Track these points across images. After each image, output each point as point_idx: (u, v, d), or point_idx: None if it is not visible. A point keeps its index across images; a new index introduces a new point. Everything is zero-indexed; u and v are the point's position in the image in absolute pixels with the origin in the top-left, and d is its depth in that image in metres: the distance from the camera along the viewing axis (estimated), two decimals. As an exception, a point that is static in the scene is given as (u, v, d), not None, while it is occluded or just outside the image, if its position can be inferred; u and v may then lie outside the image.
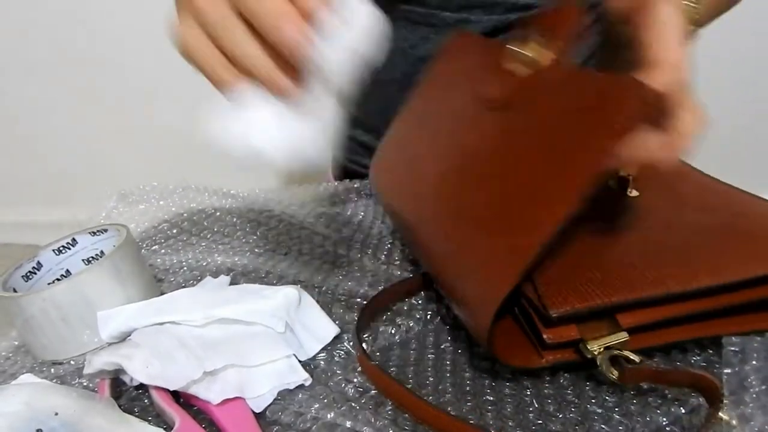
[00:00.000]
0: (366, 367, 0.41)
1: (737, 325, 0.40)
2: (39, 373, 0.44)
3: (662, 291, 0.37)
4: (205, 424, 0.38)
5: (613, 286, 0.38)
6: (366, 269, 0.54)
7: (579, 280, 0.39)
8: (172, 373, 0.38)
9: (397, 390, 0.38)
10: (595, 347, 0.37)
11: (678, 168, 0.47)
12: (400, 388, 0.38)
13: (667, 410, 0.37)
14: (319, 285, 0.52)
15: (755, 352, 0.40)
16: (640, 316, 0.38)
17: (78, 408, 0.36)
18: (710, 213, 0.44)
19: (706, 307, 0.38)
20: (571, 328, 0.38)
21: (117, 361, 0.39)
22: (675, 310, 0.38)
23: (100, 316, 0.43)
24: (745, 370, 0.39)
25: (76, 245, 0.52)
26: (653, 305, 0.38)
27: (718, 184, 0.48)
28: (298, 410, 0.39)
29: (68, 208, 0.56)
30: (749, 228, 0.41)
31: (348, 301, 0.50)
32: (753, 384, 0.37)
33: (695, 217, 0.43)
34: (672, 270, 0.38)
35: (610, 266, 0.40)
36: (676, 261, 0.39)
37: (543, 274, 0.39)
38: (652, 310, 0.38)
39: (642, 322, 0.38)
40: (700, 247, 0.40)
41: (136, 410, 0.40)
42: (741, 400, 0.37)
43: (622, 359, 0.36)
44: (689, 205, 0.45)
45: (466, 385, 0.40)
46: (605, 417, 0.37)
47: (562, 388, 0.39)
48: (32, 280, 0.49)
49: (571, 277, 0.39)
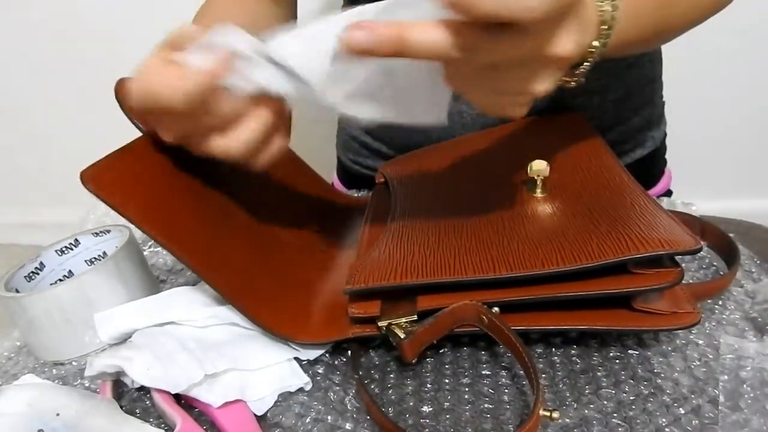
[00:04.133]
0: (362, 397, 0.40)
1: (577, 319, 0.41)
2: (41, 374, 0.44)
3: (455, 277, 0.40)
4: (206, 426, 0.38)
5: (419, 268, 0.41)
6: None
7: (396, 261, 0.43)
8: (173, 376, 0.38)
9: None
10: (384, 323, 0.40)
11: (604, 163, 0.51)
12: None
13: (665, 411, 0.37)
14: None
15: (751, 358, 0.40)
16: (437, 300, 0.41)
17: (79, 409, 0.36)
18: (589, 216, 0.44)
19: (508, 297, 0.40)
20: (374, 304, 0.42)
21: (118, 364, 0.40)
22: (476, 296, 0.40)
23: (97, 318, 0.44)
24: (741, 375, 0.39)
25: (79, 246, 0.53)
26: (451, 290, 0.41)
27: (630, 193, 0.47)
28: (299, 413, 0.39)
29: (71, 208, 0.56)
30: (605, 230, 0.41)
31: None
32: (748, 390, 0.38)
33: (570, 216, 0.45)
34: (480, 258, 0.41)
35: (436, 250, 0.43)
36: (501, 250, 0.42)
37: (366, 256, 0.45)
38: (449, 295, 0.41)
39: (437, 306, 0.40)
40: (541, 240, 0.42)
41: (138, 411, 0.40)
42: (736, 406, 0.37)
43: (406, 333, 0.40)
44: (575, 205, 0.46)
45: (464, 392, 0.40)
46: (604, 420, 0.37)
47: (560, 391, 0.39)
48: (35, 280, 0.50)
49: (392, 257, 0.44)
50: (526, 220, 0.45)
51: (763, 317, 0.44)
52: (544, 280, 0.39)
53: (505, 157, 0.57)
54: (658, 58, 0.74)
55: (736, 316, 0.45)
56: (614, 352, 0.42)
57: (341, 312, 0.43)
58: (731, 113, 1.44)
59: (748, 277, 0.49)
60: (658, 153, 0.76)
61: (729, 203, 1.11)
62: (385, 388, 0.41)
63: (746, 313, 0.45)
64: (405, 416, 0.38)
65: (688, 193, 0.69)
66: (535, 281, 0.39)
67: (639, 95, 0.71)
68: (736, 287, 0.48)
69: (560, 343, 0.43)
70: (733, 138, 1.48)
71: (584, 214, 0.44)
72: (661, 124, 0.76)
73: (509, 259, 0.40)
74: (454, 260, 0.42)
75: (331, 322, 0.44)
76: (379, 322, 0.41)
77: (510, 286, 0.40)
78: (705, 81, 1.39)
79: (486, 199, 0.50)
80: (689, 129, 1.14)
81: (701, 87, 1.38)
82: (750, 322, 0.44)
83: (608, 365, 0.41)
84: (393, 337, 0.40)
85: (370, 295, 0.42)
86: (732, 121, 1.46)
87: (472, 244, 0.43)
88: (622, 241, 0.39)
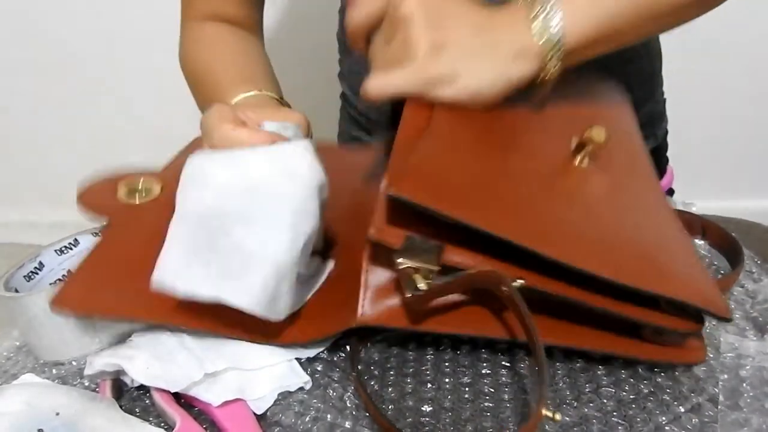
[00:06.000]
0: (360, 395, 0.40)
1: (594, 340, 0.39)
2: (40, 374, 0.44)
3: (503, 234, 0.35)
4: (206, 425, 0.38)
5: (469, 197, 0.37)
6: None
7: (444, 177, 0.38)
8: (172, 375, 0.38)
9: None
10: (405, 264, 0.37)
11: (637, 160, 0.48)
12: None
13: (665, 409, 0.37)
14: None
15: (750, 357, 0.40)
16: (465, 256, 0.37)
17: (79, 408, 0.36)
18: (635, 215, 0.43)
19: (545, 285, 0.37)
20: (398, 234, 0.37)
21: (117, 362, 0.40)
22: (504, 267, 0.37)
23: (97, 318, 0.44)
24: (741, 375, 0.39)
25: (78, 245, 0.53)
26: (484, 248, 0.37)
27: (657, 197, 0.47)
28: (298, 411, 0.39)
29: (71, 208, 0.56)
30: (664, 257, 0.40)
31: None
32: (748, 389, 0.38)
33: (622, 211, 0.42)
34: (527, 221, 0.37)
35: (497, 192, 0.39)
36: (544, 220, 0.38)
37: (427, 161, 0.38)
38: (477, 255, 0.37)
39: (462, 263, 0.37)
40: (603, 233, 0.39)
41: (137, 411, 0.40)
42: (736, 405, 0.37)
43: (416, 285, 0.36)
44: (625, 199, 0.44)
45: (464, 391, 0.40)
46: (604, 419, 0.37)
47: (560, 390, 0.39)
48: (34, 280, 0.50)
49: (439, 170, 0.38)
50: (572, 192, 0.42)
51: (764, 317, 0.44)
52: (573, 276, 0.37)
53: (551, 119, 0.50)
54: (657, 53, 0.74)
55: (737, 316, 0.45)
56: (614, 351, 0.42)
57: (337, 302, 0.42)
58: (731, 113, 1.44)
59: (749, 277, 0.49)
60: (659, 151, 0.76)
61: (729, 203, 1.11)
62: (385, 385, 0.41)
63: (747, 313, 0.45)
64: (405, 414, 0.38)
65: (688, 193, 0.69)
66: (564, 273, 0.37)
67: (639, 91, 0.70)
68: (736, 287, 0.48)
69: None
70: (733, 138, 1.48)
71: (630, 208, 0.43)
72: (663, 121, 0.76)
73: (553, 238, 0.37)
74: (502, 205, 0.38)
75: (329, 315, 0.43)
76: (398, 259, 0.37)
77: (541, 270, 0.37)
78: (704, 80, 1.39)
79: (534, 152, 0.46)
80: (689, 129, 1.14)
81: (700, 86, 1.38)
82: (750, 322, 0.44)
83: (608, 364, 0.41)
84: (407, 283, 0.37)
85: (400, 218, 0.37)
86: (732, 120, 1.46)
87: (520, 193, 0.40)
88: (666, 276, 0.38)
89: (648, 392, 0.38)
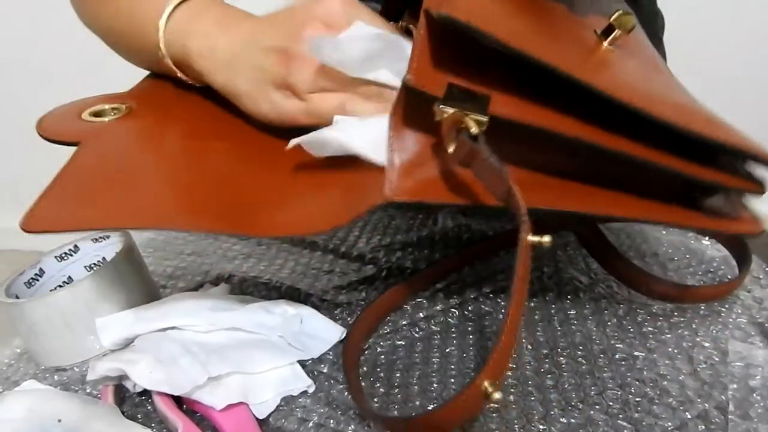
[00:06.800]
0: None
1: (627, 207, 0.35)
2: (42, 380, 0.44)
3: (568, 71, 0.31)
4: (208, 431, 0.38)
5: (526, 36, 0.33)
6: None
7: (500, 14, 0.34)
8: (176, 379, 0.38)
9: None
10: (449, 110, 0.32)
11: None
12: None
13: (672, 415, 0.37)
14: (320, 294, 0.52)
15: (760, 367, 0.40)
16: (516, 106, 0.32)
17: (81, 414, 0.36)
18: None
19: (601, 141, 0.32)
20: (439, 77, 0.33)
21: (120, 367, 0.39)
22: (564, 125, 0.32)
23: (99, 323, 0.43)
24: (750, 384, 0.39)
25: (79, 252, 0.52)
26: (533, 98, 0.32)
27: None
28: (301, 417, 0.39)
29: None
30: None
31: (349, 308, 0.49)
32: (758, 399, 0.37)
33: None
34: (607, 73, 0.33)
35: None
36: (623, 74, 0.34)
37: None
38: (527, 105, 0.32)
39: (511, 115, 0.32)
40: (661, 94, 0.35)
41: (139, 417, 0.40)
42: (746, 415, 0.36)
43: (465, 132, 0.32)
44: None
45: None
46: (609, 422, 0.36)
47: (566, 392, 0.39)
48: (34, 286, 0.49)
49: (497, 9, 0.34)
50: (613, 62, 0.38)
51: (770, 321, 0.44)
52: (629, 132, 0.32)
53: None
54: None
55: (743, 320, 0.45)
56: (620, 354, 0.42)
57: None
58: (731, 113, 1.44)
59: (756, 283, 0.49)
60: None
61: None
62: (392, 387, 0.40)
63: (752, 318, 0.45)
64: (411, 414, 0.38)
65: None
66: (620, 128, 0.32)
67: None
68: (743, 291, 0.48)
69: (566, 345, 0.43)
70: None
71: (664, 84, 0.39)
72: None
73: (617, 83, 0.33)
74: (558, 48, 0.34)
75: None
76: (441, 106, 0.32)
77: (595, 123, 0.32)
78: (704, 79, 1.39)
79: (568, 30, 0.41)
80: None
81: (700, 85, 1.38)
82: (756, 327, 0.44)
83: (614, 367, 0.41)
84: (453, 134, 0.32)
85: (439, 64, 0.33)
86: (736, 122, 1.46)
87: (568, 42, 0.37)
88: (723, 128, 0.33)
89: (654, 395, 0.38)
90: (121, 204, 0.39)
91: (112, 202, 0.40)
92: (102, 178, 0.42)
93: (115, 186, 0.40)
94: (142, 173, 0.43)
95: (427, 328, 0.46)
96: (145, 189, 0.41)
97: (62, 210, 0.39)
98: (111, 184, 0.41)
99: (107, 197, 0.40)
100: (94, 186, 0.41)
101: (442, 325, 0.46)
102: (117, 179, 0.40)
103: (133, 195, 0.38)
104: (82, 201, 0.40)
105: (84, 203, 0.40)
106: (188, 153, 0.47)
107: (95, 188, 0.41)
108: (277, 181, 0.42)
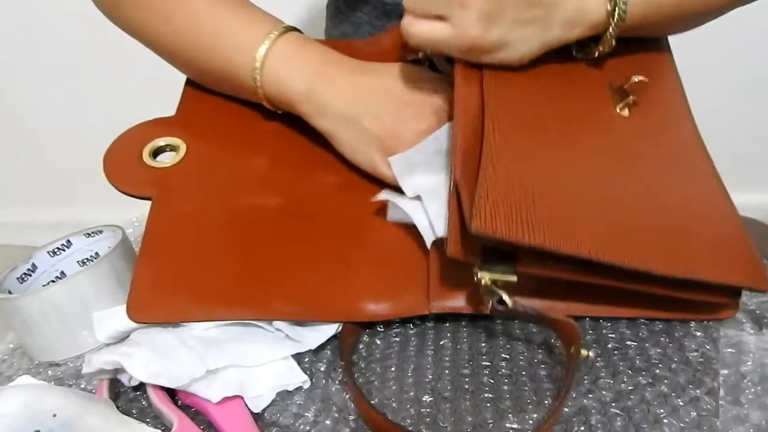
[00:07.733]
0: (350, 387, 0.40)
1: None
2: (36, 375, 0.44)
3: (580, 253, 0.36)
4: (203, 425, 0.38)
5: (542, 223, 0.36)
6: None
7: (519, 196, 0.38)
8: (173, 372, 0.38)
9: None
10: (486, 278, 0.37)
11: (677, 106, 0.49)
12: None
13: (664, 401, 0.37)
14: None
15: (751, 353, 0.40)
16: (538, 267, 0.38)
17: (76, 409, 0.36)
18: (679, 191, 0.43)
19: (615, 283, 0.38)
20: (474, 248, 0.38)
21: (117, 360, 0.39)
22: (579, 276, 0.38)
23: (96, 317, 0.43)
24: (741, 370, 0.39)
25: (71, 247, 0.52)
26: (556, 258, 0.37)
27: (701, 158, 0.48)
28: (296, 412, 0.39)
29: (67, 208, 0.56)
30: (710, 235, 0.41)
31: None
32: (749, 385, 0.38)
33: (663, 187, 0.43)
34: (590, 224, 0.38)
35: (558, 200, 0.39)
36: (621, 227, 0.39)
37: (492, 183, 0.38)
38: (549, 265, 0.38)
39: (535, 272, 0.38)
40: (655, 229, 0.40)
41: (134, 411, 0.40)
42: (737, 400, 0.37)
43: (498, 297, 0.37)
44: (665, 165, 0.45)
45: (464, 382, 0.40)
46: (602, 410, 0.37)
47: (559, 381, 0.39)
48: (27, 282, 0.49)
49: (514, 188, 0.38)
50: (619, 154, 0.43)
51: (761, 310, 0.45)
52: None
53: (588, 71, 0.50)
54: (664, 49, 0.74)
55: (734, 307, 0.45)
56: (612, 343, 0.42)
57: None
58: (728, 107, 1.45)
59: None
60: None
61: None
62: (387, 380, 0.41)
63: (743, 305, 0.45)
64: (405, 405, 0.38)
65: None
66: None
67: None
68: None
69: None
70: (728, 132, 1.49)
71: (669, 167, 0.44)
72: None
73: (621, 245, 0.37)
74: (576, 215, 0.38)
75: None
76: (480, 273, 0.37)
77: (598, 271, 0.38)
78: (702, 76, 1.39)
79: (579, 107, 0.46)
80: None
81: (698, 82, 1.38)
82: (747, 314, 0.44)
83: (606, 356, 0.41)
84: (490, 296, 0.37)
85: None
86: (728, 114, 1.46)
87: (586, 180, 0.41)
88: (712, 261, 0.39)
89: (646, 383, 0.38)
90: (211, 292, 0.43)
91: (203, 289, 0.43)
92: (187, 261, 0.44)
93: (200, 271, 0.44)
94: (216, 254, 0.45)
95: (422, 323, 0.46)
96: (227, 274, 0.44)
97: (161, 298, 0.42)
98: (196, 267, 0.44)
99: (197, 286, 0.43)
100: (184, 270, 0.44)
101: (436, 320, 0.46)
102: (199, 260, 0.44)
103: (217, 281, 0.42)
104: (176, 287, 0.43)
105: (181, 291, 0.43)
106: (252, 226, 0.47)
107: (185, 273, 0.44)
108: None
